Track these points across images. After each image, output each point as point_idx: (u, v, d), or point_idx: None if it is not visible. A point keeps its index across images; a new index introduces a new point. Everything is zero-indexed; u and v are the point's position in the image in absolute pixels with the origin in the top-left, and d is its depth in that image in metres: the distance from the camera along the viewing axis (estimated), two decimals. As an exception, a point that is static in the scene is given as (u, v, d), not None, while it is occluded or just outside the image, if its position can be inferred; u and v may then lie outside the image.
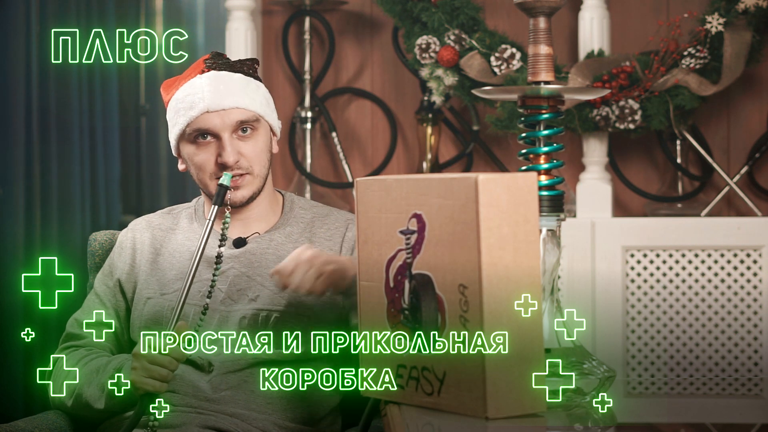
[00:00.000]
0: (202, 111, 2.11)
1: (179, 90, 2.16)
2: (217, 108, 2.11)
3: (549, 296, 1.78)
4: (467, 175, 1.59)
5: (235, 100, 2.12)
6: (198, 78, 2.15)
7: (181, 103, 2.14)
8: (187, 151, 2.16)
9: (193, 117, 2.12)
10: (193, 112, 2.12)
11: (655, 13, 3.51)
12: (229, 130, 2.12)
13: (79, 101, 3.88)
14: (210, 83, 2.13)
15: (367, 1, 3.62)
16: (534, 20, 1.77)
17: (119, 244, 2.26)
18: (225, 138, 2.11)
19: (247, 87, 2.15)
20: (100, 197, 3.98)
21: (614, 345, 3.22)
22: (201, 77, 2.14)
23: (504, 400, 1.58)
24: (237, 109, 2.12)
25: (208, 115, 2.11)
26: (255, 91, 2.16)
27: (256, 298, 2.13)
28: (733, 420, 1.83)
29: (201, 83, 2.13)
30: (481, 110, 3.50)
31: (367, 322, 1.75)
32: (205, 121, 2.11)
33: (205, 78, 2.14)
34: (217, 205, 2.07)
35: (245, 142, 2.13)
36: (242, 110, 2.12)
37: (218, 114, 2.11)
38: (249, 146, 2.13)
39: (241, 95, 2.13)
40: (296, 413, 2.11)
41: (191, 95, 2.13)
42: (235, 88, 2.14)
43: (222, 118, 2.11)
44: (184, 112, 2.13)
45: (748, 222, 3.24)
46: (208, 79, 2.14)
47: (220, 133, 2.11)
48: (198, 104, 2.11)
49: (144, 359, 1.98)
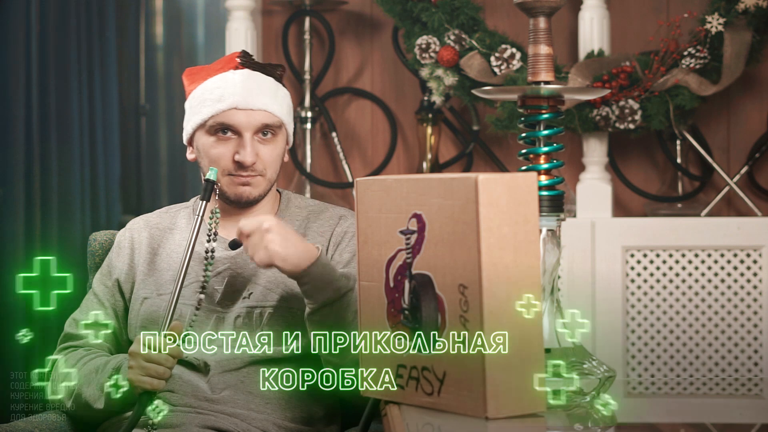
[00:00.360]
0: (230, 106, 2.12)
1: (209, 80, 2.15)
2: (246, 107, 2.12)
3: (549, 296, 1.78)
4: (467, 175, 1.59)
5: (264, 102, 2.13)
6: (231, 73, 2.15)
7: (209, 93, 2.14)
8: (202, 142, 2.15)
9: (220, 110, 2.12)
10: (221, 105, 2.12)
11: (655, 13, 3.51)
12: (252, 130, 2.12)
13: (79, 101, 3.88)
14: (243, 81, 2.14)
15: (367, 1, 3.62)
16: (534, 20, 1.77)
17: (117, 243, 2.26)
18: (246, 137, 2.12)
19: (277, 92, 2.17)
20: (100, 197, 3.98)
21: (614, 345, 3.22)
22: (234, 73, 2.15)
23: (504, 400, 1.58)
24: (264, 112, 2.13)
25: (235, 112, 2.12)
26: (282, 98, 2.18)
27: (249, 296, 2.13)
28: (733, 420, 1.83)
29: (234, 79, 2.14)
30: (481, 110, 3.50)
31: (367, 322, 1.75)
32: (231, 117, 2.12)
33: (239, 75, 2.15)
34: (205, 200, 2.08)
35: (264, 145, 2.14)
36: (269, 114, 2.14)
37: (245, 112, 2.12)
38: (267, 149, 2.14)
39: (270, 99, 2.14)
40: (295, 413, 2.11)
41: (221, 88, 2.13)
42: (266, 91, 2.15)
43: (248, 117, 2.12)
44: (211, 103, 2.13)
45: (748, 222, 3.24)
46: (241, 76, 2.15)
47: (243, 131, 2.12)
48: (227, 99, 2.12)
49: (141, 358, 1.98)
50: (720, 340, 3.23)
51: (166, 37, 4.41)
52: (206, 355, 2.10)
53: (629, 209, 3.55)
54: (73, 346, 2.20)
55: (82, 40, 3.90)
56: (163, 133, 4.42)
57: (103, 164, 3.99)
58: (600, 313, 3.22)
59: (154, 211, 2.34)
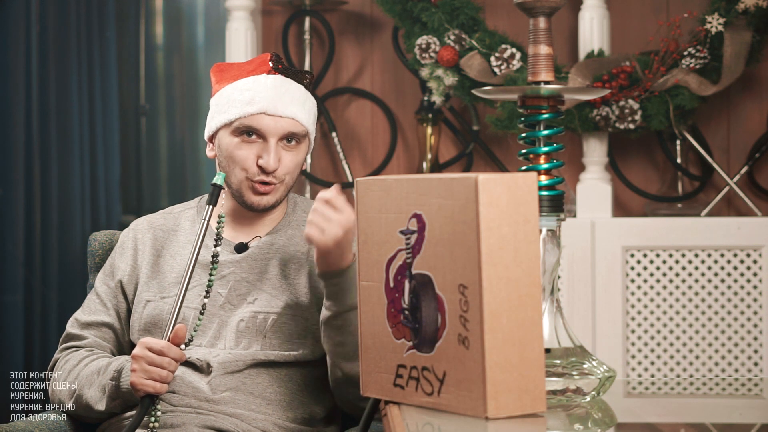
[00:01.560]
0: (259, 110, 2.11)
1: (241, 81, 2.15)
2: (275, 113, 2.11)
3: (549, 296, 1.78)
4: (467, 175, 1.59)
5: (293, 111, 2.13)
6: (264, 77, 2.14)
7: (239, 94, 2.13)
8: (226, 142, 2.15)
9: (249, 113, 2.12)
10: (251, 108, 2.12)
11: (655, 13, 3.51)
12: (277, 137, 2.12)
13: (79, 101, 3.88)
14: (275, 87, 2.13)
15: (367, 1, 3.62)
16: (534, 20, 1.77)
17: (120, 244, 2.25)
18: (271, 143, 2.11)
19: (306, 101, 2.17)
20: (100, 197, 3.98)
21: (614, 345, 3.22)
22: (267, 77, 2.15)
23: (504, 400, 1.58)
24: (292, 120, 2.13)
25: (263, 116, 2.11)
26: (310, 107, 2.18)
27: (254, 302, 2.13)
28: (733, 420, 1.83)
29: (266, 83, 2.13)
30: (481, 110, 3.51)
31: (367, 322, 1.75)
32: (259, 121, 2.11)
33: (271, 80, 2.14)
34: (212, 204, 2.07)
35: (287, 152, 2.14)
36: (296, 122, 2.13)
37: (273, 118, 2.11)
38: (290, 156, 2.14)
39: (299, 107, 2.14)
40: (296, 413, 2.11)
41: (253, 91, 2.12)
42: (297, 99, 2.15)
43: (276, 123, 2.11)
44: (241, 105, 2.12)
45: (748, 222, 3.24)
46: (274, 81, 2.14)
47: (269, 137, 2.12)
48: (258, 102, 2.11)
49: (143, 361, 1.98)
50: (720, 340, 3.23)
51: (166, 37, 4.41)
52: (209, 357, 2.10)
53: (629, 209, 3.55)
54: (75, 346, 2.19)
55: (82, 40, 3.90)
56: (163, 133, 4.42)
57: (103, 164, 3.99)
58: (600, 313, 3.22)
59: (154, 211, 2.33)
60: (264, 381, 2.10)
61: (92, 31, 3.96)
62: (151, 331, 2.13)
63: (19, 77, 3.69)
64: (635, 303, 3.25)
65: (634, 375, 3.24)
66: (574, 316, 3.21)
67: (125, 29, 4.27)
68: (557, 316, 1.78)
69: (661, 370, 3.24)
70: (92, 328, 2.20)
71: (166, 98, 4.40)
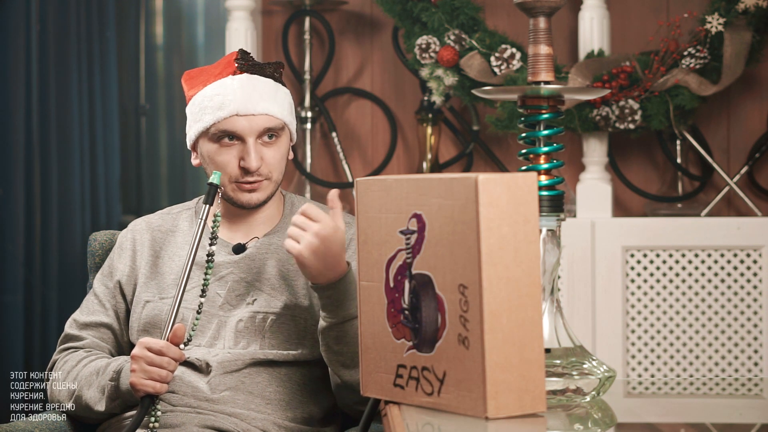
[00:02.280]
0: (231, 113, 2.10)
1: (208, 87, 2.14)
2: (247, 112, 2.10)
3: (549, 296, 1.78)
4: (467, 175, 1.59)
5: (265, 107, 2.11)
6: (230, 79, 2.13)
7: (209, 101, 2.12)
8: (207, 149, 2.14)
9: (221, 118, 2.10)
10: (222, 113, 2.10)
11: (655, 13, 3.51)
12: (254, 135, 2.11)
13: (79, 101, 3.88)
14: (242, 86, 2.12)
15: (367, 1, 3.62)
16: (534, 20, 1.77)
17: (119, 245, 2.25)
18: (250, 143, 2.10)
19: (277, 93, 2.15)
20: (100, 197, 3.98)
21: (614, 345, 3.22)
22: (233, 78, 2.13)
23: (504, 400, 1.58)
24: (266, 116, 2.12)
25: (236, 118, 2.10)
26: (283, 98, 2.16)
27: (253, 302, 2.13)
28: (733, 420, 1.83)
29: (233, 85, 2.12)
30: (481, 110, 3.51)
31: (367, 322, 1.75)
32: (233, 124, 2.10)
33: (237, 80, 2.12)
34: (208, 204, 2.07)
35: (268, 148, 2.13)
36: (271, 117, 2.12)
37: (247, 118, 2.10)
38: (271, 152, 2.13)
39: (271, 102, 2.13)
40: (296, 413, 2.11)
41: (221, 95, 2.11)
42: (266, 94, 2.13)
43: (250, 123, 2.10)
44: (212, 111, 2.12)
45: (748, 222, 3.24)
46: (240, 81, 2.12)
47: (246, 137, 2.11)
48: (228, 106, 2.10)
49: (143, 361, 1.98)
50: (720, 340, 3.23)
51: (166, 37, 4.41)
52: (208, 357, 2.10)
53: (629, 209, 3.55)
54: (74, 347, 2.19)
55: (82, 40, 3.90)
56: (163, 133, 4.41)
57: (103, 164, 3.99)
58: (600, 313, 3.22)
59: (154, 211, 2.33)
60: (263, 380, 2.10)
61: (92, 31, 3.96)
62: (150, 331, 2.13)
63: (19, 77, 3.69)
64: (635, 303, 3.25)
65: (634, 375, 3.24)
66: (574, 316, 3.21)
67: (125, 29, 4.27)
68: (557, 316, 1.78)
69: (661, 370, 3.24)
70: (91, 328, 2.20)
71: (166, 98, 4.40)
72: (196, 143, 2.17)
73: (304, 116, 3.54)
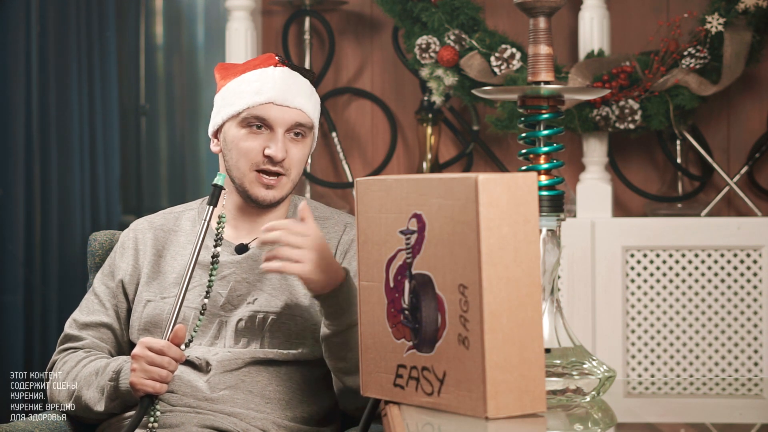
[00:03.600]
0: (267, 100, 2.12)
1: (248, 73, 2.16)
2: (283, 103, 2.13)
3: (549, 296, 1.78)
4: (467, 175, 1.59)
5: (301, 102, 2.14)
6: (272, 69, 2.16)
7: (247, 85, 2.14)
8: (233, 134, 2.15)
9: (257, 103, 2.12)
10: (259, 98, 2.12)
11: (655, 13, 3.51)
12: (285, 127, 2.13)
13: (79, 101, 3.88)
14: (283, 78, 2.15)
15: (367, 1, 3.62)
16: (534, 20, 1.77)
17: (121, 244, 2.25)
18: (279, 133, 2.12)
19: (312, 95, 2.19)
20: (100, 197, 3.98)
21: (614, 345, 3.22)
22: (275, 69, 2.16)
23: (504, 400, 1.58)
24: (300, 111, 2.14)
25: (271, 106, 2.12)
26: (316, 102, 2.20)
27: (253, 301, 2.13)
28: (733, 420, 1.83)
29: (274, 75, 2.15)
30: (481, 110, 3.51)
31: (367, 322, 1.75)
32: (267, 111, 2.12)
33: (279, 71, 2.16)
34: (212, 205, 2.07)
35: (294, 145, 2.14)
36: (303, 113, 2.14)
37: (281, 108, 2.12)
38: (296, 149, 2.14)
39: (306, 99, 2.16)
40: (295, 413, 2.11)
41: (260, 81, 2.14)
42: (303, 92, 2.16)
43: (283, 114, 2.12)
44: (249, 96, 2.13)
45: (748, 222, 3.24)
46: (281, 73, 2.16)
47: (277, 127, 2.12)
48: (266, 92, 2.12)
49: (143, 361, 1.98)
50: (720, 340, 3.23)
51: (166, 37, 4.41)
52: (208, 356, 2.10)
53: (629, 209, 3.55)
54: (73, 347, 2.19)
55: (82, 40, 3.90)
56: (163, 133, 4.41)
57: (103, 164, 3.99)
58: (600, 313, 3.22)
59: (154, 211, 2.33)
60: (263, 379, 2.10)
61: (92, 31, 3.96)
62: (151, 331, 2.13)
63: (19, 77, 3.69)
64: (635, 303, 3.25)
65: (634, 375, 3.24)
66: (574, 316, 3.21)
67: (125, 29, 4.27)
68: (557, 316, 1.78)
69: (661, 370, 3.24)
70: (90, 328, 2.20)
71: (166, 98, 4.40)
72: (221, 129, 2.17)
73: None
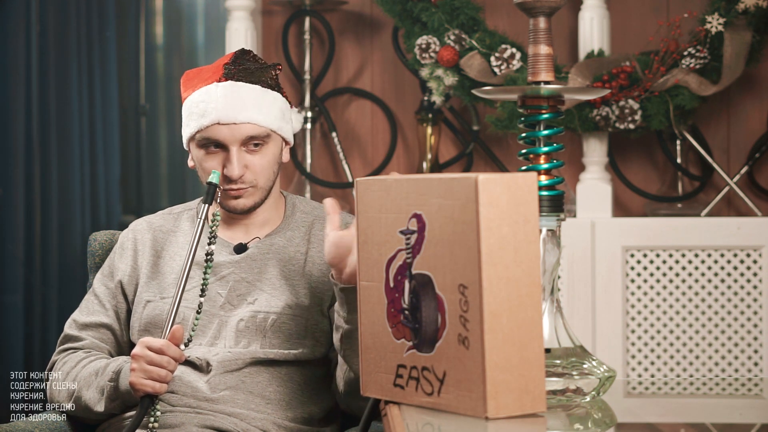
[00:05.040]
0: (213, 121, 2.09)
1: (195, 93, 2.13)
2: (229, 121, 2.08)
3: (549, 296, 1.78)
4: (467, 175, 1.59)
5: (248, 116, 2.09)
6: (214, 86, 2.11)
7: (194, 107, 2.11)
8: (195, 154, 2.15)
9: (204, 126, 2.10)
10: (204, 121, 2.09)
11: (655, 13, 3.51)
12: (237, 144, 2.10)
13: (79, 101, 3.88)
14: (225, 95, 2.10)
15: (367, 1, 3.62)
16: (534, 20, 1.77)
17: (120, 245, 2.25)
18: (233, 151, 2.09)
19: (263, 101, 2.12)
20: (100, 197, 3.98)
21: (614, 345, 3.22)
22: (217, 86, 2.11)
23: (504, 400, 1.58)
24: (249, 125, 2.09)
25: (218, 127, 2.09)
26: (270, 105, 2.13)
27: (254, 302, 2.13)
28: (733, 420, 1.83)
29: (216, 93, 2.10)
30: (481, 110, 3.51)
31: (367, 322, 1.75)
32: (215, 132, 2.09)
33: (221, 88, 2.10)
34: (207, 203, 2.07)
35: (253, 156, 2.11)
36: (254, 125, 2.10)
37: (228, 127, 2.09)
38: (256, 159, 2.11)
39: (255, 110, 2.10)
40: (295, 413, 2.11)
41: (205, 102, 2.10)
42: (250, 103, 2.10)
43: (232, 132, 2.09)
44: (196, 118, 2.11)
45: (748, 222, 3.24)
46: (223, 89, 2.10)
47: (229, 145, 2.10)
48: (210, 114, 2.09)
49: (143, 360, 1.98)
50: (720, 340, 3.23)
51: (166, 37, 4.41)
52: (208, 356, 2.10)
53: (629, 209, 3.55)
54: (73, 347, 2.19)
55: (82, 40, 3.90)
56: (163, 133, 4.42)
57: (103, 164, 3.99)
58: (600, 313, 3.22)
59: (154, 211, 2.33)
60: (263, 380, 2.10)
61: (92, 31, 3.96)
62: (150, 331, 2.13)
63: (19, 77, 3.69)
64: (635, 303, 3.25)
65: (634, 375, 3.24)
66: (574, 316, 3.21)
67: (125, 29, 4.28)
68: (557, 316, 1.78)
69: (661, 370, 3.24)
70: (90, 329, 2.20)
71: (166, 98, 4.40)
72: (189, 147, 2.18)
73: (304, 116, 3.54)
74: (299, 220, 2.22)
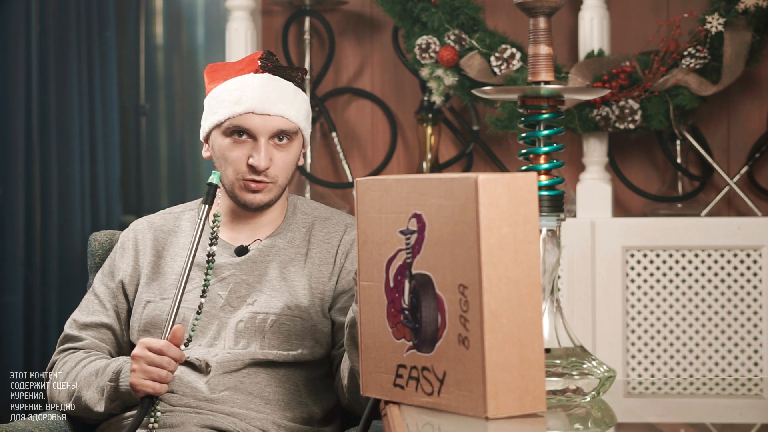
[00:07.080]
0: (247, 110, 2.11)
1: (228, 81, 2.15)
2: (263, 111, 2.11)
3: (549, 296, 1.78)
4: (467, 175, 1.59)
5: (282, 108, 2.12)
6: (251, 76, 2.14)
7: (227, 94, 2.13)
8: (219, 143, 2.15)
9: (237, 113, 2.11)
10: (238, 108, 2.11)
11: (655, 13, 3.51)
12: (267, 135, 2.11)
13: (79, 101, 3.88)
14: (262, 85, 2.12)
15: (367, 1, 3.62)
16: (534, 20, 1.77)
17: (121, 245, 2.25)
18: (261, 142, 2.11)
19: (295, 98, 2.16)
20: (100, 197, 3.98)
21: (614, 345, 3.22)
22: (254, 76, 2.14)
23: (504, 400, 1.58)
24: (281, 118, 2.12)
25: (251, 116, 2.11)
26: (301, 104, 2.17)
27: (253, 303, 2.13)
28: (733, 420, 1.83)
29: (253, 82, 2.13)
30: (481, 110, 3.51)
31: (367, 322, 1.75)
32: (247, 121, 2.11)
33: (258, 78, 2.13)
34: (207, 204, 2.07)
35: (279, 151, 2.13)
36: (285, 120, 2.13)
37: (262, 117, 2.11)
38: (281, 155, 2.13)
39: (288, 105, 2.13)
40: (295, 413, 2.11)
41: (240, 90, 2.12)
42: (285, 97, 2.14)
43: (264, 122, 2.11)
44: (229, 105, 2.12)
45: (748, 222, 3.24)
46: (261, 80, 2.13)
47: (259, 135, 2.11)
48: (245, 102, 2.11)
49: (143, 361, 1.98)
50: (720, 340, 3.23)
51: (166, 37, 4.41)
52: (208, 357, 2.10)
53: (629, 209, 3.55)
54: (73, 347, 2.19)
55: (82, 40, 3.90)
56: (163, 133, 4.42)
57: (103, 164, 3.99)
58: (600, 313, 3.22)
59: (154, 211, 2.33)
60: (262, 380, 2.10)
61: (92, 31, 3.96)
62: (150, 331, 2.13)
63: (19, 77, 3.69)
64: (635, 303, 3.25)
65: (634, 375, 3.24)
66: (574, 316, 3.21)
67: (125, 29, 4.28)
68: (557, 316, 1.78)
69: (661, 370, 3.24)
70: (91, 329, 2.20)
71: (166, 98, 4.40)
72: (209, 135, 2.17)
73: (304, 116, 3.54)
74: (300, 221, 2.22)
